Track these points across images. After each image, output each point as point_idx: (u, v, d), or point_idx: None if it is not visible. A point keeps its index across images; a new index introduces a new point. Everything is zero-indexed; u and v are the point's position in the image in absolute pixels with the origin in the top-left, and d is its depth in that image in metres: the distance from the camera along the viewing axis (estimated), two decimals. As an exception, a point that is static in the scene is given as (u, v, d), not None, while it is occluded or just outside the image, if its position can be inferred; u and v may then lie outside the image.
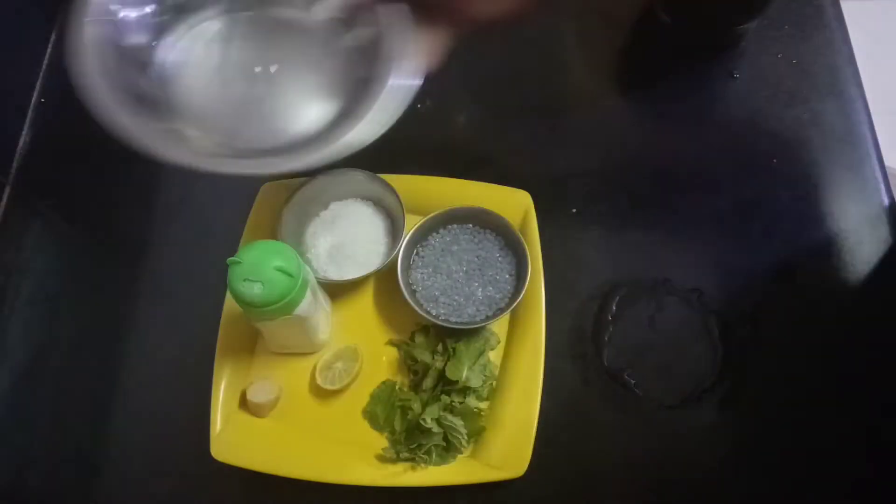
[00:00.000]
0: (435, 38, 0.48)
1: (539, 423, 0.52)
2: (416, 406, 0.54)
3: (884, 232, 0.61)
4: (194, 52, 0.55)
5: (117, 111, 0.46)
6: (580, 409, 0.56)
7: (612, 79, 0.70)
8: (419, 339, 0.57)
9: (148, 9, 0.53)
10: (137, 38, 0.52)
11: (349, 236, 0.59)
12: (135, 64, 0.52)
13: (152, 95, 0.52)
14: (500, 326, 0.58)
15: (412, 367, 0.56)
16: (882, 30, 1.36)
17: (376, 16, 0.49)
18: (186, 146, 0.49)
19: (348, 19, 0.53)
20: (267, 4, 0.56)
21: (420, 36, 0.47)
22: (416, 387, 0.56)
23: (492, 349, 0.57)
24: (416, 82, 0.47)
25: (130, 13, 0.52)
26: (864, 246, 0.61)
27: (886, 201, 0.62)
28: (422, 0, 0.48)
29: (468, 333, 0.56)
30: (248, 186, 0.61)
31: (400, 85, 0.47)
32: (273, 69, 0.54)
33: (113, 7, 0.50)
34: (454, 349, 0.55)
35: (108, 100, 0.47)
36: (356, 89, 0.49)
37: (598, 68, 0.71)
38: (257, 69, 0.54)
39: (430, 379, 0.55)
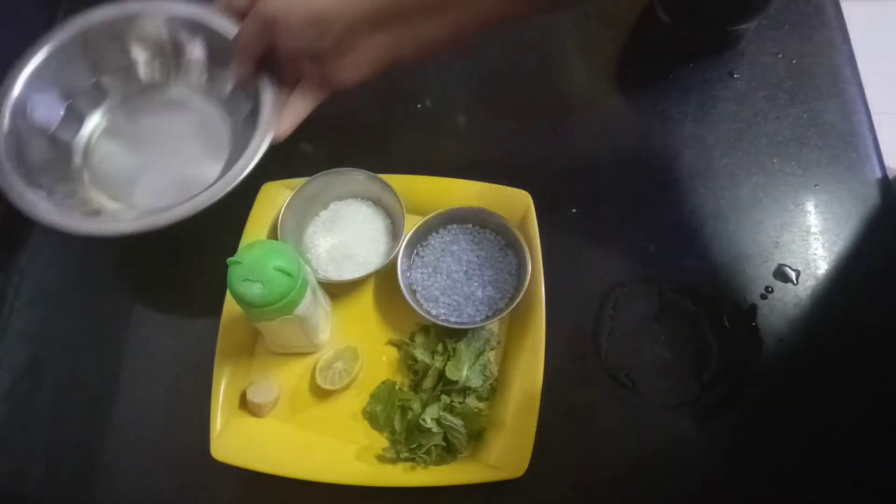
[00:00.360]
0: (292, 106, 0.57)
1: (539, 423, 0.52)
2: (416, 406, 0.54)
3: (884, 231, 0.61)
4: (110, 133, 0.65)
5: (29, 197, 0.55)
6: (580, 409, 0.56)
7: (612, 78, 0.70)
8: (419, 338, 0.57)
9: (61, 99, 0.62)
10: (52, 125, 0.62)
11: (349, 236, 0.59)
12: (51, 148, 0.61)
13: (70, 174, 0.62)
14: (500, 326, 0.58)
15: (412, 367, 0.56)
16: (882, 29, 1.36)
17: (257, 89, 0.59)
18: (99, 217, 0.59)
19: (237, 94, 0.63)
20: (171, 89, 0.67)
21: (282, 103, 0.57)
22: (416, 387, 0.56)
23: (492, 349, 0.57)
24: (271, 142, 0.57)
25: (45, 104, 0.61)
26: (864, 245, 0.61)
27: (887, 201, 0.62)
28: (278, 74, 0.57)
29: (468, 333, 0.56)
30: (247, 187, 0.61)
31: (263, 143, 0.57)
32: (180, 140, 0.65)
33: (28, 101, 0.60)
34: (454, 349, 0.55)
35: (21, 186, 0.56)
36: (241, 149, 0.58)
37: (598, 68, 0.71)
38: (165, 141, 0.65)
39: (430, 379, 0.55)
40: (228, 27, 0.61)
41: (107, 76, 0.65)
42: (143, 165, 0.64)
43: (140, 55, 0.65)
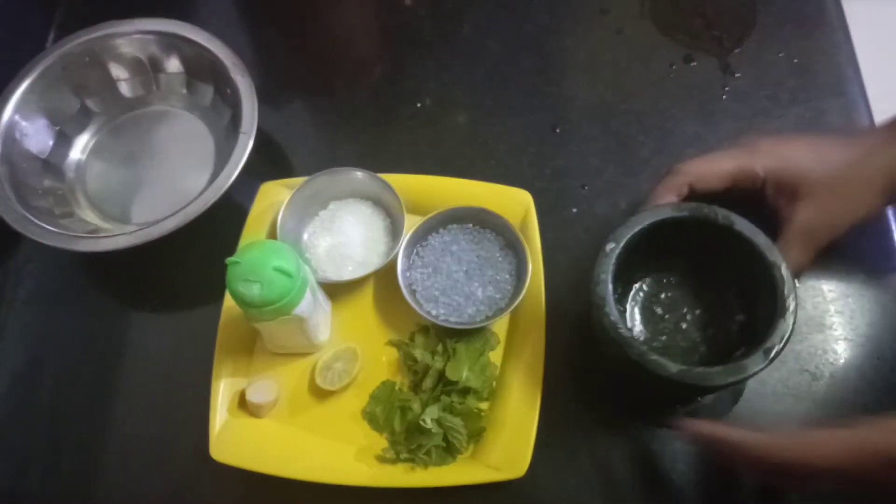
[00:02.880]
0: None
1: (539, 423, 0.52)
2: (416, 406, 0.54)
3: (884, 232, 0.61)
4: (99, 153, 0.68)
5: (27, 220, 0.58)
6: (580, 409, 0.56)
7: (613, 78, 0.70)
8: (419, 339, 0.57)
9: (49, 123, 0.65)
10: (42, 149, 0.64)
11: (348, 236, 0.59)
12: (45, 172, 0.64)
13: (65, 195, 0.64)
14: (500, 327, 0.58)
15: (412, 368, 0.56)
16: (884, 29, 1.36)
17: (237, 98, 0.61)
18: (96, 234, 0.60)
19: (217, 105, 0.66)
20: (153, 104, 0.70)
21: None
22: (415, 387, 0.56)
23: (492, 349, 0.56)
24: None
25: (34, 130, 0.64)
26: (863, 246, 0.60)
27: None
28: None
29: (468, 334, 0.56)
30: (247, 186, 0.61)
31: (246, 150, 0.59)
32: (167, 153, 0.68)
33: (17, 128, 0.63)
34: (454, 349, 0.55)
35: (19, 210, 0.58)
36: (225, 157, 0.60)
37: (599, 67, 0.71)
38: (153, 156, 0.67)
39: (430, 379, 0.55)
40: (202, 37, 0.65)
41: (90, 97, 0.68)
42: (134, 181, 0.66)
43: (120, 74, 0.68)
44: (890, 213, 0.61)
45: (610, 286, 0.47)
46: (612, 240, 0.49)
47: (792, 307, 0.46)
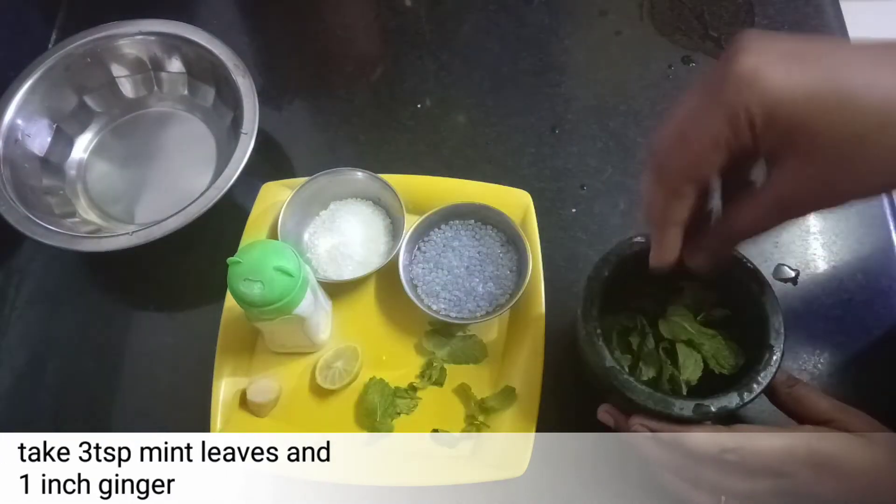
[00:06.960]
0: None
1: (539, 421, 0.52)
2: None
3: (883, 231, 0.61)
4: (100, 153, 0.68)
5: (29, 220, 0.58)
6: (580, 407, 0.56)
7: (612, 78, 0.70)
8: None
9: (50, 124, 0.65)
10: (44, 149, 0.65)
11: (349, 236, 0.60)
12: (46, 172, 0.64)
13: (66, 195, 0.65)
14: (500, 323, 0.58)
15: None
16: (882, 30, 1.36)
17: (238, 99, 0.62)
18: (98, 234, 0.60)
19: (218, 105, 0.67)
20: (154, 105, 0.70)
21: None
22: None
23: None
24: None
25: (35, 130, 0.64)
26: (863, 246, 0.61)
27: (886, 201, 0.62)
28: None
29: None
30: (248, 187, 0.61)
31: (246, 151, 0.60)
32: (168, 153, 0.68)
33: (18, 128, 0.63)
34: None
35: (21, 209, 0.58)
36: (227, 158, 0.60)
37: (598, 68, 0.71)
38: (154, 156, 0.68)
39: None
40: (203, 38, 0.65)
41: (91, 97, 0.68)
42: (136, 181, 0.67)
43: (122, 74, 0.68)
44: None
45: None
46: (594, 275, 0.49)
47: (776, 357, 0.45)
